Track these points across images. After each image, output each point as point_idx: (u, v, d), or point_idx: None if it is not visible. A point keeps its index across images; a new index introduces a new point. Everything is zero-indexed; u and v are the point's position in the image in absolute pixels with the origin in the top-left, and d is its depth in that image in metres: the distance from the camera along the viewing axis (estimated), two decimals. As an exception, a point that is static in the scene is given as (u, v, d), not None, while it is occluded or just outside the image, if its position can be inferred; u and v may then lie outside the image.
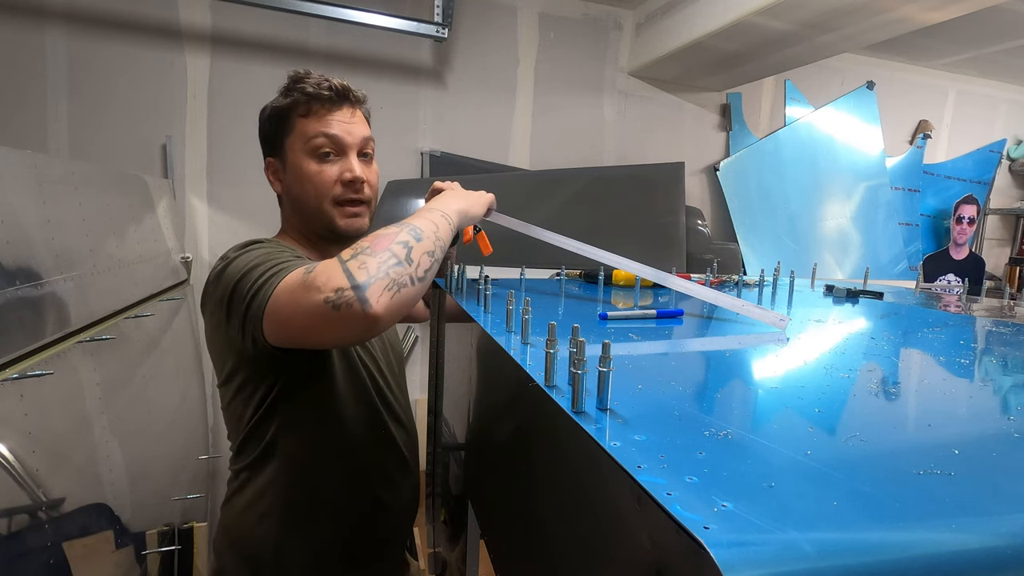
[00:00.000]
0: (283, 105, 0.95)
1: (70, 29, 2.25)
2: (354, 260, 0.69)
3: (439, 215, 0.83)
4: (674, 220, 2.96)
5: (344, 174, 0.94)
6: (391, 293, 0.68)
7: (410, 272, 0.71)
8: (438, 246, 0.78)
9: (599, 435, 0.42)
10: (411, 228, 0.76)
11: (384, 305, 0.67)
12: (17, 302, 1.06)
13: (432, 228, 0.79)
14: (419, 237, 0.75)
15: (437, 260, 0.77)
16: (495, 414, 0.88)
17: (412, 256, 0.72)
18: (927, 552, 0.30)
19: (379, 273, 0.68)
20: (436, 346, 1.39)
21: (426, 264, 0.74)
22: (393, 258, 0.70)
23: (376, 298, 0.67)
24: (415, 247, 0.73)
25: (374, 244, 0.71)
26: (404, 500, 1.05)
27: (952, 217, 3.78)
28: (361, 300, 0.66)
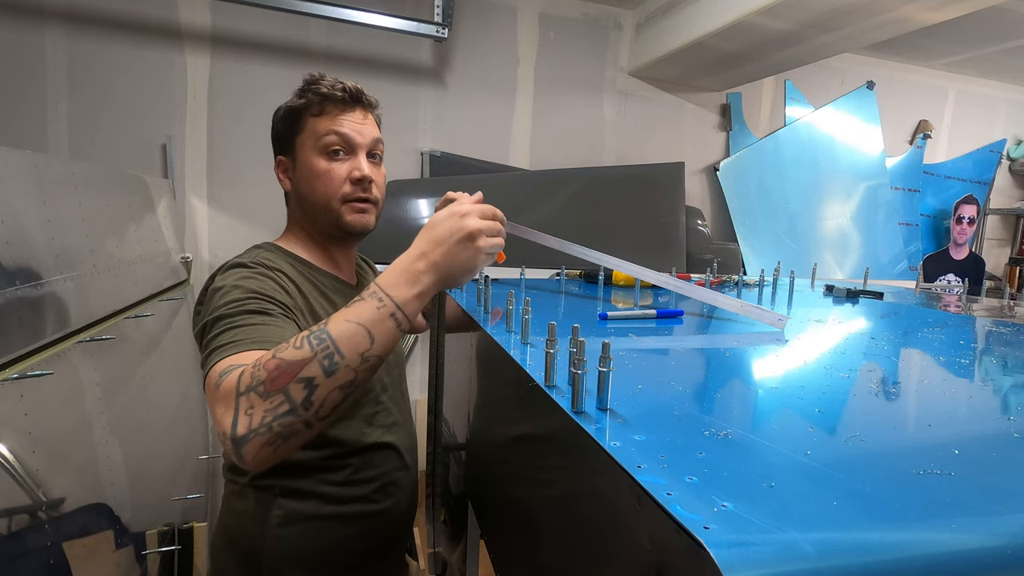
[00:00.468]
0: (297, 105, 0.97)
1: (70, 29, 2.25)
2: (245, 397, 0.63)
3: (386, 316, 0.67)
4: (674, 220, 2.96)
5: (353, 172, 0.95)
6: (272, 448, 0.63)
7: (305, 417, 0.64)
8: (363, 369, 0.66)
9: (599, 435, 0.42)
10: (328, 353, 0.64)
11: (261, 461, 0.63)
12: (17, 302, 1.06)
13: (363, 346, 0.65)
14: (332, 369, 0.64)
15: (364, 381, 0.67)
16: (495, 414, 0.88)
17: (313, 399, 0.63)
18: (927, 552, 0.30)
19: (261, 427, 0.62)
20: (436, 346, 1.39)
21: (333, 401, 0.65)
22: (285, 405, 0.62)
23: (252, 455, 0.63)
24: (320, 386, 0.63)
25: (271, 379, 0.63)
26: (403, 501, 1.04)
27: (952, 217, 3.78)
28: (236, 455, 0.63)
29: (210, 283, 0.86)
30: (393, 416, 1.03)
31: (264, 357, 0.65)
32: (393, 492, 1.02)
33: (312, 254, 1.00)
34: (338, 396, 0.65)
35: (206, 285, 0.87)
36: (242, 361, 0.68)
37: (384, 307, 0.68)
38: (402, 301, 0.68)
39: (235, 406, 0.63)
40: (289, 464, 0.92)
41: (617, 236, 2.87)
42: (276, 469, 0.92)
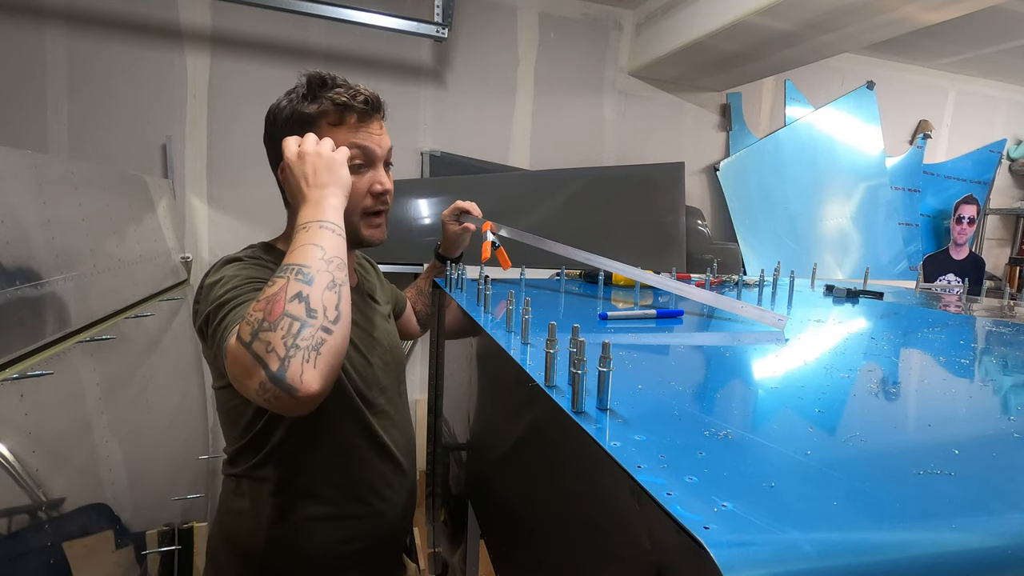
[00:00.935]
0: (311, 112, 0.91)
1: (70, 29, 2.25)
2: (257, 342, 0.64)
3: (316, 229, 0.75)
4: (674, 220, 2.96)
5: (375, 185, 0.94)
6: (313, 362, 0.64)
7: (321, 324, 0.66)
8: (333, 268, 0.72)
9: (599, 435, 0.42)
10: (296, 271, 0.69)
11: (314, 379, 0.64)
12: (17, 302, 1.07)
13: (317, 255, 0.71)
14: (309, 278, 0.69)
15: (343, 280, 0.72)
16: (495, 414, 0.88)
17: (313, 306, 0.67)
18: (927, 552, 0.30)
19: (289, 350, 0.63)
20: (436, 346, 1.39)
21: (332, 302, 0.69)
22: (295, 322, 0.65)
23: (300, 378, 0.63)
24: (311, 293, 0.67)
25: (267, 312, 0.66)
26: (399, 503, 1.04)
27: (952, 217, 3.78)
28: (287, 390, 0.63)
29: (205, 278, 0.86)
30: (389, 418, 1.03)
31: (249, 308, 0.68)
32: (387, 494, 1.01)
33: None
34: (332, 296, 0.70)
35: (202, 282, 0.87)
36: None
37: (309, 228, 0.75)
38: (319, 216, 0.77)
39: (252, 355, 0.65)
40: (283, 464, 0.92)
41: (617, 236, 2.87)
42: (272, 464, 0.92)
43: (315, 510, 0.94)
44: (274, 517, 0.93)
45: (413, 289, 1.39)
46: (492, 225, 1.18)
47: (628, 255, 1.05)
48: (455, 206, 1.28)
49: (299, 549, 0.94)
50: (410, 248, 2.50)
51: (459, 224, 1.28)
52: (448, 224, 1.28)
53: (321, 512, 0.94)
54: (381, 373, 1.02)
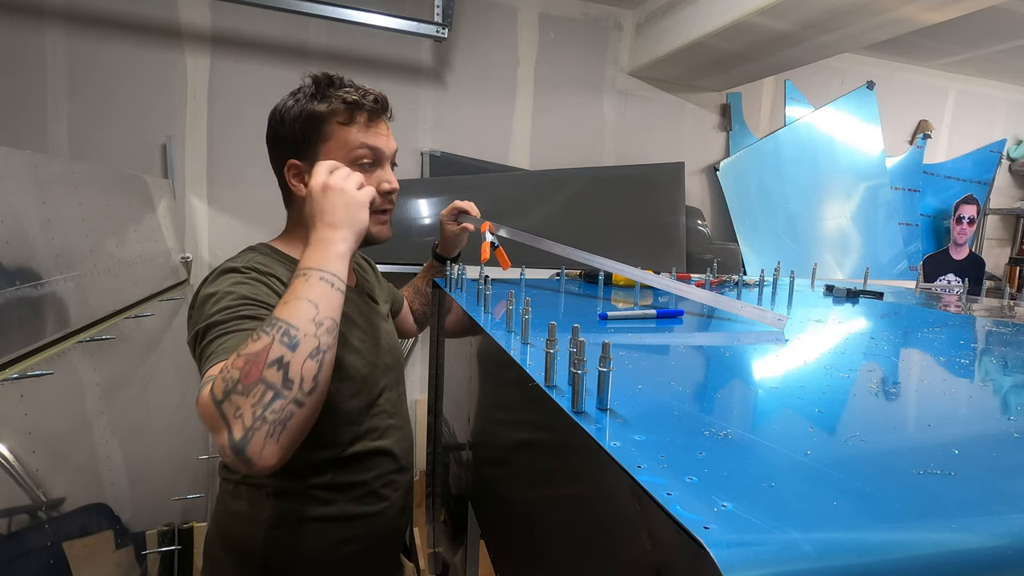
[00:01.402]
0: (321, 110, 0.92)
1: (70, 29, 2.25)
2: (228, 403, 0.63)
3: (316, 281, 0.72)
4: (674, 220, 2.96)
5: (383, 184, 0.95)
6: (275, 439, 0.63)
7: (294, 396, 0.64)
8: (322, 332, 0.68)
9: (599, 435, 0.42)
10: (283, 331, 0.66)
11: (273, 453, 0.63)
12: (17, 302, 1.07)
13: (309, 314, 0.68)
14: (294, 343, 0.66)
15: (330, 345, 0.69)
16: (495, 414, 0.88)
17: (291, 376, 0.64)
18: (927, 552, 0.30)
19: (255, 421, 0.62)
20: (436, 346, 1.39)
21: (311, 371, 0.66)
22: (268, 391, 0.63)
23: (260, 453, 0.62)
24: (292, 361, 0.65)
25: (244, 373, 0.63)
26: (397, 504, 1.04)
27: (952, 217, 3.78)
28: (244, 461, 0.62)
29: (201, 288, 0.85)
30: (389, 419, 1.03)
31: (229, 361, 0.66)
32: (386, 495, 1.01)
33: None
34: (313, 365, 0.67)
35: (197, 290, 0.86)
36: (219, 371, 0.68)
37: (310, 277, 0.73)
38: (322, 264, 0.74)
39: (221, 416, 0.63)
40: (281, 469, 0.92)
41: (617, 236, 2.87)
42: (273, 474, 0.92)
43: (314, 512, 0.94)
44: (273, 519, 0.92)
45: (410, 288, 1.39)
46: (491, 225, 1.18)
47: (628, 255, 1.05)
48: (453, 206, 1.28)
49: (298, 550, 0.94)
50: (409, 248, 2.50)
51: (457, 224, 1.28)
52: (446, 224, 1.28)
53: (320, 514, 0.94)
54: (381, 374, 1.02)
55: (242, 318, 0.77)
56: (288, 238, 1.01)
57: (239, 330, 0.76)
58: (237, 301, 0.80)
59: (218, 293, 0.81)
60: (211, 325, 0.77)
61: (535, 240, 1.16)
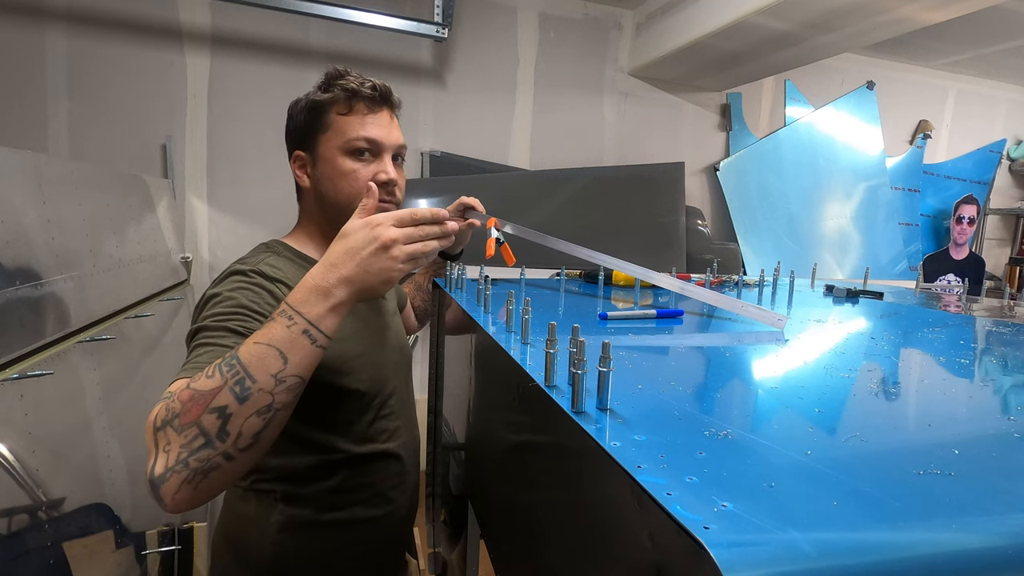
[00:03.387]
0: (322, 99, 0.93)
1: (70, 29, 2.25)
2: (162, 433, 0.60)
3: (298, 335, 0.64)
4: (674, 220, 2.96)
5: (379, 175, 0.93)
6: (192, 485, 0.59)
7: (225, 449, 0.60)
8: (281, 390, 0.63)
9: (599, 435, 0.42)
10: (238, 378, 0.61)
11: (184, 500, 0.60)
12: (17, 302, 1.07)
13: (274, 369, 0.62)
14: (244, 396, 0.61)
15: (285, 404, 0.64)
16: (495, 414, 0.88)
17: (228, 428, 0.60)
18: (927, 552, 0.30)
19: (177, 463, 0.59)
20: (436, 346, 1.39)
21: (252, 429, 0.62)
22: (200, 438, 0.59)
23: (171, 496, 0.59)
24: (234, 414, 0.60)
25: (185, 410, 0.60)
26: (404, 505, 1.04)
27: (952, 217, 3.78)
28: (156, 497, 0.60)
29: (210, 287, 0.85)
30: (398, 420, 1.02)
31: (180, 387, 0.63)
32: (394, 497, 1.01)
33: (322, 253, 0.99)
34: (257, 423, 0.62)
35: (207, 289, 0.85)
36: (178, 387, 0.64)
37: (295, 325, 0.65)
38: (315, 317, 0.65)
39: (154, 442, 0.61)
40: (290, 470, 0.92)
41: (617, 236, 2.87)
42: (277, 474, 0.92)
43: (323, 516, 0.94)
44: (281, 523, 0.92)
45: (411, 284, 1.39)
46: (496, 221, 1.18)
47: (628, 255, 1.05)
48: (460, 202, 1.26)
49: (306, 553, 0.94)
50: (410, 248, 2.50)
51: (463, 220, 1.27)
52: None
53: (329, 518, 0.94)
54: (391, 374, 1.02)
55: (228, 331, 0.75)
56: (299, 233, 1.01)
57: (218, 344, 0.73)
58: (231, 309, 0.78)
59: (219, 296, 0.81)
60: (200, 329, 0.76)
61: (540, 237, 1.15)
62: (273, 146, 2.42)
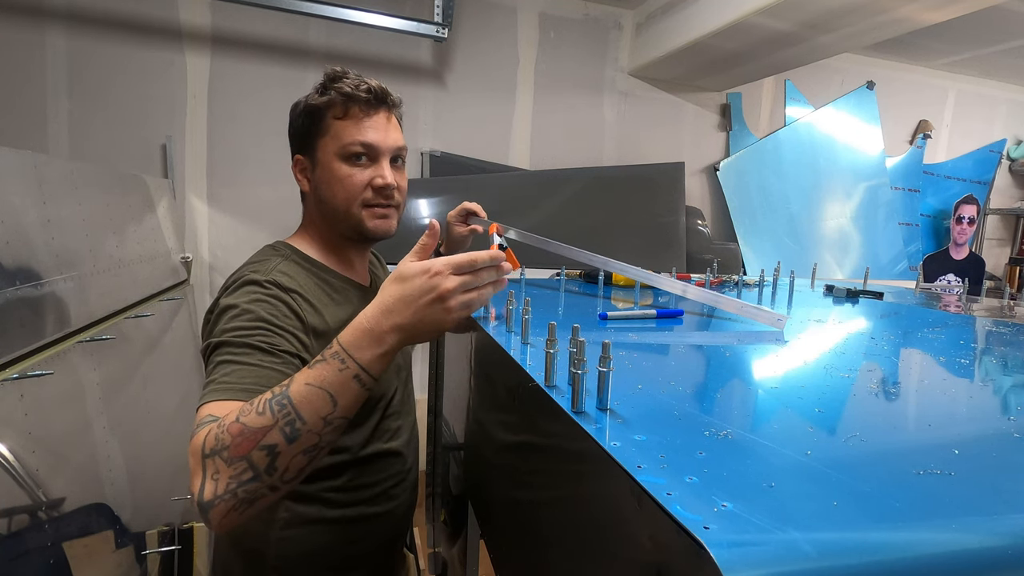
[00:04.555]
0: (318, 103, 0.93)
1: (70, 29, 2.25)
2: (210, 461, 0.62)
3: (349, 379, 0.65)
4: (674, 220, 2.97)
5: (376, 179, 0.93)
6: (238, 512, 0.63)
7: (271, 483, 0.64)
8: (328, 431, 0.65)
9: (599, 435, 0.42)
10: (289, 419, 0.63)
11: (231, 523, 0.63)
12: (17, 302, 1.06)
13: (324, 411, 0.64)
14: (294, 436, 0.63)
15: (330, 442, 0.67)
16: (495, 414, 0.88)
17: (277, 464, 0.63)
18: (927, 552, 0.30)
19: (226, 493, 0.62)
20: (436, 346, 1.39)
21: (298, 466, 0.65)
22: (249, 472, 0.62)
23: (218, 520, 0.63)
24: (283, 453, 0.63)
25: (235, 444, 0.62)
26: (405, 501, 1.05)
27: (952, 217, 3.78)
28: (204, 519, 0.63)
29: (221, 295, 0.84)
30: (400, 419, 1.03)
31: (229, 418, 0.64)
32: (396, 494, 1.02)
33: (326, 256, 0.98)
34: (303, 460, 0.65)
35: (218, 296, 0.84)
36: (220, 412, 0.67)
37: (347, 369, 0.66)
38: (366, 362, 0.66)
39: (202, 468, 0.63)
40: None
41: (617, 236, 2.87)
42: None
43: (328, 513, 0.94)
44: (286, 520, 0.93)
45: None
46: (499, 227, 1.18)
47: (628, 255, 1.05)
48: (463, 207, 1.26)
49: (309, 549, 0.94)
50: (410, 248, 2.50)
51: (466, 226, 1.26)
52: (454, 225, 1.27)
53: (333, 516, 0.95)
54: (394, 375, 1.02)
55: (251, 347, 0.76)
56: (303, 235, 1.00)
57: (243, 362, 0.74)
58: (253, 323, 0.78)
59: (237, 308, 0.80)
60: (221, 344, 0.76)
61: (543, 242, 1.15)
62: (273, 146, 2.42)
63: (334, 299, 0.94)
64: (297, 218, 1.04)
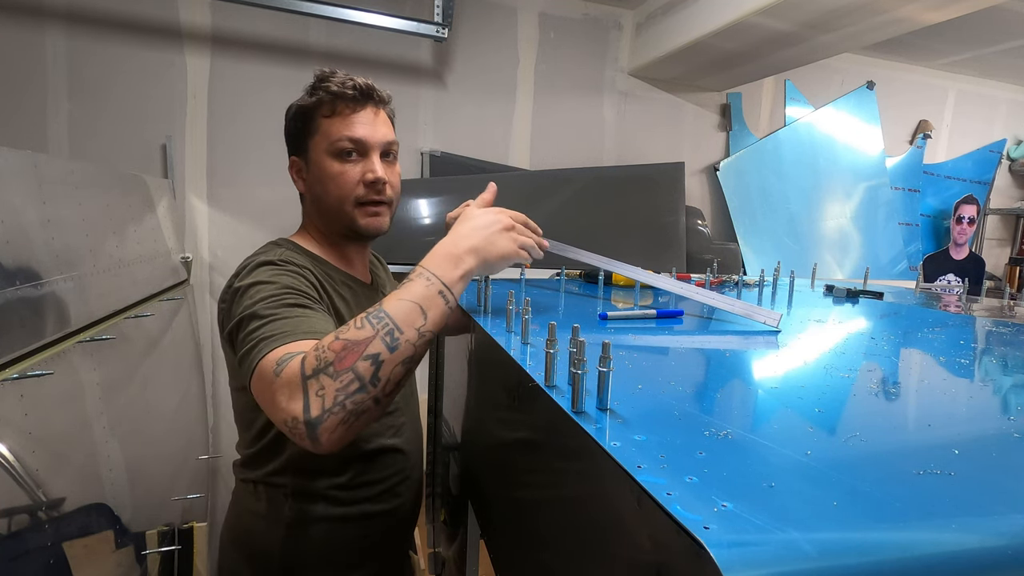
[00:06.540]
0: (308, 104, 0.95)
1: (70, 29, 2.25)
2: (314, 380, 0.64)
3: (435, 295, 0.72)
4: (674, 220, 2.96)
5: (366, 175, 0.94)
6: (346, 426, 0.65)
7: (375, 394, 0.66)
8: (420, 343, 0.69)
9: (599, 435, 0.42)
10: (388, 329, 0.67)
11: (339, 439, 0.65)
12: (17, 302, 1.06)
13: (418, 323, 0.69)
14: (395, 345, 0.67)
15: (420, 358, 0.71)
16: (495, 414, 0.88)
17: (380, 374, 0.66)
18: (927, 552, 0.30)
19: (335, 406, 0.64)
20: (436, 346, 1.39)
21: (397, 377, 0.68)
22: (356, 382, 0.64)
23: (328, 435, 0.64)
24: (386, 361, 0.66)
25: (339, 358, 0.65)
26: (410, 499, 1.05)
27: (952, 217, 3.78)
28: (311, 437, 0.64)
29: (234, 280, 0.85)
30: (402, 416, 1.04)
31: (327, 340, 0.67)
32: (401, 492, 1.02)
33: (327, 253, 1.00)
34: (401, 371, 0.68)
35: (230, 283, 0.85)
36: (298, 349, 0.69)
37: (432, 285, 0.73)
38: (448, 280, 0.74)
39: (303, 390, 0.65)
40: (301, 466, 0.93)
41: (617, 236, 2.87)
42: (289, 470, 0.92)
43: (333, 511, 0.95)
44: (292, 518, 0.93)
45: None
46: None
47: (628, 255, 1.05)
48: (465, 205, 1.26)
49: (315, 548, 0.95)
50: (411, 248, 2.50)
51: None
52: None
53: (339, 513, 0.95)
54: None
55: (288, 306, 0.77)
56: (303, 235, 1.01)
57: (287, 316, 0.75)
58: (280, 290, 0.80)
59: (258, 284, 0.81)
60: (255, 314, 0.76)
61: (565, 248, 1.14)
62: (273, 146, 2.41)
63: (338, 291, 0.95)
64: (297, 218, 1.04)
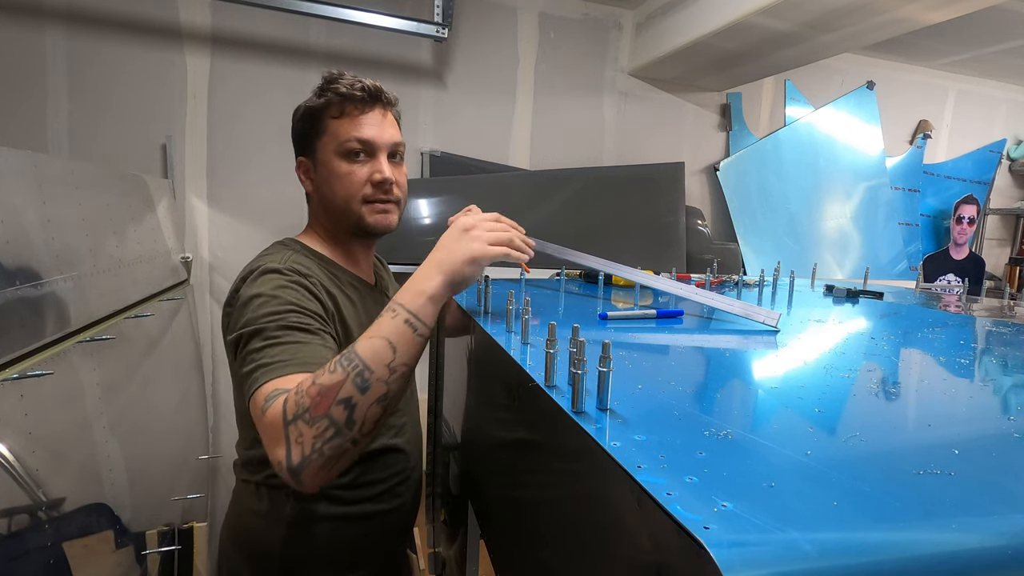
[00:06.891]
0: (316, 105, 0.96)
1: (70, 29, 2.25)
2: (293, 427, 0.66)
3: (401, 325, 0.72)
4: (674, 220, 2.96)
5: (374, 175, 0.95)
6: (327, 470, 0.67)
7: (352, 436, 0.67)
8: (394, 379, 0.70)
9: (599, 435, 0.42)
10: (358, 371, 0.67)
11: (320, 481, 0.68)
12: (17, 302, 1.06)
13: (387, 359, 0.69)
14: (365, 386, 0.67)
15: (398, 392, 0.71)
16: (495, 414, 0.88)
17: (355, 417, 0.67)
18: (927, 552, 0.30)
19: (313, 453, 0.65)
20: (436, 346, 1.39)
21: (373, 416, 0.69)
22: (331, 428, 0.66)
23: (310, 479, 0.67)
24: (359, 404, 0.67)
25: (314, 404, 0.66)
26: (409, 499, 1.06)
27: (952, 217, 3.78)
28: (296, 482, 0.67)
29: (240, 285, 0.85)
30: (403, 416, 1.04)
31: (305, 383, 0.68)
32: (401, 492, 1.03)
33: (334, 253, 1.00)
34: (377, 410, 0.69)
35: (236, 286, 0.86)
36: (286, 385, 0.70)
37: (398, 316, 0.72)
38: (414, 307, 0.73)
39: (285, 436, 0.66)
40: None
41: (617, 236, 2.87)
42: None
43: (334, 511, 0.95)
44: (293, 518, 0.94)
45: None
46: None
47: (628, 255, 1.05)
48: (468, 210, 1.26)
49: (315, 547, 0.95)
50: (411, 248, 2.50)
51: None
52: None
53: (340, 513, 0.95)
54: None
55: (288, 328, 0.78)
56: (310, 235, 1.02)
57: (286, 341, 0.76)
58: (284, 307, 0.80)
59: (263, 296, 0.81)
60: (257, 332, 0.77)
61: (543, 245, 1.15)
62: (273, 146, 2.42)
63: (344, 292, 0.96)
64: (297, 218, 1.05)
